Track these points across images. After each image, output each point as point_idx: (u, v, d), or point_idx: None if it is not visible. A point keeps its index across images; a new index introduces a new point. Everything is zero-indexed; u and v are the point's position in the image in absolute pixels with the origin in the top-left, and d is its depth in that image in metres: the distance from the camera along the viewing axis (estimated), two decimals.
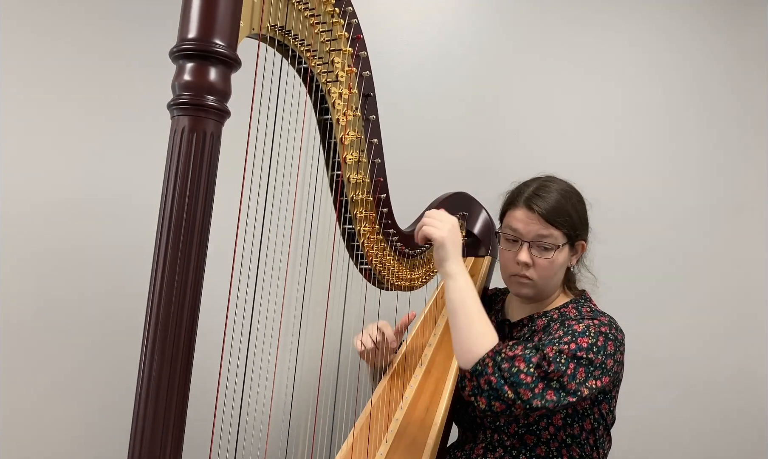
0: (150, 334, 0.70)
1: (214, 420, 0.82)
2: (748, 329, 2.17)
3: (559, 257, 1.25)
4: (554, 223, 1.23)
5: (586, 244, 1.32)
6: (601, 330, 1.16)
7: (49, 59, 1.79)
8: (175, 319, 0.70)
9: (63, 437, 1.75)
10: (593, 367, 1.11)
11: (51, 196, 1.77)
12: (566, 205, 1.25)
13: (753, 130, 2.24)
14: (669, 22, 2.24)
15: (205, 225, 0.73)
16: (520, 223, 1.26)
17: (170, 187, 0.71)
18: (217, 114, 0.72)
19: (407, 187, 1.58)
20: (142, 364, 0.71)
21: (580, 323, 1.17)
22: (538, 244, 1.24)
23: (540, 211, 1.23)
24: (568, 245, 1.26)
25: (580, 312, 1.26)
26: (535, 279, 1.27)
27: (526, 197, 1.26)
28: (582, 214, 1.30)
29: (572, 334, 1.13)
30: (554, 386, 1.07)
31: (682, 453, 2.12)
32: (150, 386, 0.70)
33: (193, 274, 0.71)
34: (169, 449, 0.71)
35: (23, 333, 1.72)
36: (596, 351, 1.12)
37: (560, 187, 1.29)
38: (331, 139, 1.07)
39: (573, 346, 1.10)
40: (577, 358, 1.09)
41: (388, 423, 1.27)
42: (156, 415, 0.70)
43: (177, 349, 0.71)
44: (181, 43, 0.71)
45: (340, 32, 1.00)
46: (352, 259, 1.22)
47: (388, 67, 2.07)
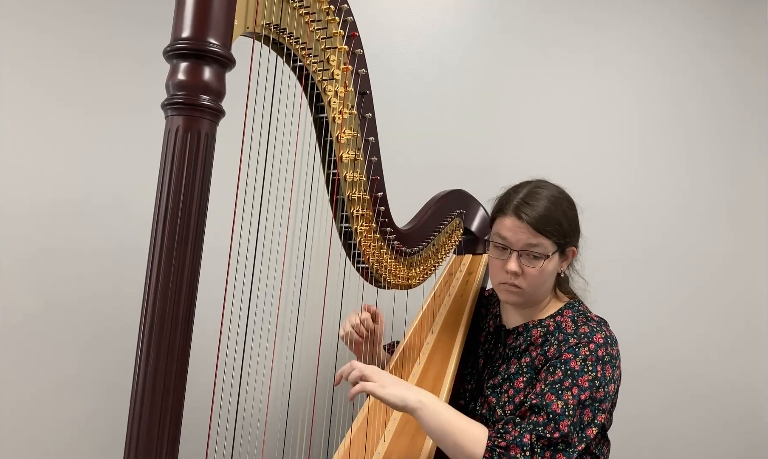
0: (145, 334, 0.70)
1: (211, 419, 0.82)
2: (748, 333, 2.16)
3: (549, 266, 1.22)
4: (543, 232, 1.20)
5: (577, 249, 1.29)
6: (598, 355, 1.14)
7: (44, 59, 1.78)
8: (170, 318, 0.70)
9: (60, 436, 1.75)
10: (598, 402, 1.11)
11: (45, 196, 1.76)
12: (556, 212, 1.22)
13: (755, 131, 2.23)
14: (669, 23, 2.24)
15: (200, 225, 0.72)
16: (509, 232, 1.23)
17: (165, 187, 0.70)
18: (211, 113, 0.72)
19: (404, 186, 1.58)
20: (138, 363, 0.71)
21: (576, 356, 1.14)
22: (527, 253, 1.21)
23: (529, 220, 1.19)
24: (558, 252, 1.23)
25: (576, 324, 1.22)
26: (524, 287, 1.24)
27: (514, 205, 1.23)
28: (572, 219, 1.26)
29: (572, 375, 1.12)
30: (561, 448, 1.06)
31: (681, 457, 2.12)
32: (146, 385, 0.70)
33: (189, 273, 0.71)
34: (165, 448, 0.71)
35: (20, 332, 1.72)
36: (598, 385, 1.11)
37: (550, 193, 1.25)
38: (327, 138, 1.07)
39: (576, 391, 1.10)
40: (581, 402, 1.09)
41: (386, 422, 1.27)
42: (152, 414, 0.70)
43: (173, 348, 0.70)
44: (175, 42, 0.71)
45: (336, 30, 1.00)
46: (349, 258, 1.22)
47: (387, 66, 2.07)
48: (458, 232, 1.60)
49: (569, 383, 1.11)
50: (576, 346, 1.16)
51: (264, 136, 0.87)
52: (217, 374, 0.82)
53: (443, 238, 1.52)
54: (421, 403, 1.08)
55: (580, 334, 1.19)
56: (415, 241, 1.37)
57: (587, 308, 1.31)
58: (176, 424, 0.72)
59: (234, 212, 0.79)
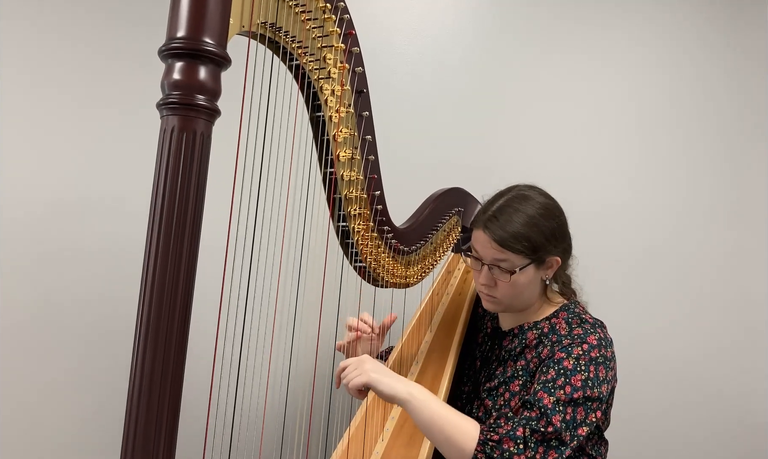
0: (142, 333, 0.70)
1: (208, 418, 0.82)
2: (748, 334, 2.16)
3: (521, 278, 1.21)
4: (510, 248, 1.19)
5: (561, 258, 1.26)
6: (591, 356, 1.14)
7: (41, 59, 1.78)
8: (167, 318, 0.70)
9: (58, 434, 1.75)
10: (590, 401, 1.10)
11: (42, 195, 1.76)
12: (526, 228, 1.20)
13: (755, 131, 2.23)
14: (669, 23, 2.23)
15: (197, 224, 0.72)
16: (479, 245, 1.24)
17: (160, 187, 0.70)
18: (207, 113, 0.71)
19: (402, 184, 1.58)
20: (134, 362, 0.70)
21: (569, 355, 1.14)
22: (497, 267, 1.22)
23: (494, 237, 1.20)
24: (532, 265, 1.22)
25: (570, 327, 1.22)
26: (499, 297, 1.25)
27: (484, 219, 1.23)
28: (550, 231, 1.23)
29: (565, 374, 1.11)
30: (554, 445, 1.06)
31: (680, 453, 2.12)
32: (143, 384, 0.70)
33: (185, 273, 0.71)
34: (162, 446, 0.71)
35: (17, 331, 1.72)
36: (591, 385, 1.11)
37: (525, 206, 1.23)
38: (323, 136, 1.06)
39: (568, 390, 1.09)
40: (574, 401, 1.09)
41: (385, 421, 1.27)
42: (149, 412, 0.70)
43: (169, 347, 0.70)
44: (170, 41, 0.70)
45: (332, 28, 1.00)
46: (346, 257, 1.22)
47: (386, 65, 2.07)
48: (456, 230, 1.60)
49: (562, 382, 1.11)
50: (569, 346, 1.16)
51: (260, 136, 0.86)
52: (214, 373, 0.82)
53: (441, 237, 1.52)
54: (410, 395, 1.07)
55: (574, 335, 1.19)
56: (413, 239, 1.37)
57: (584, 310, 1.29)
58: (173, 424, 0.72)
59: (230, 212, 0.79)
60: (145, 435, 0.70)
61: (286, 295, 1.14)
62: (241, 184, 0.83)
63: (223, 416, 0.93)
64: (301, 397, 1.70)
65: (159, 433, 0.70)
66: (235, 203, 0.81)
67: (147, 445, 0.70)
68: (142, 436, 0.70)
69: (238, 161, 0.80)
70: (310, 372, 1.45)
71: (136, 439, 0.70)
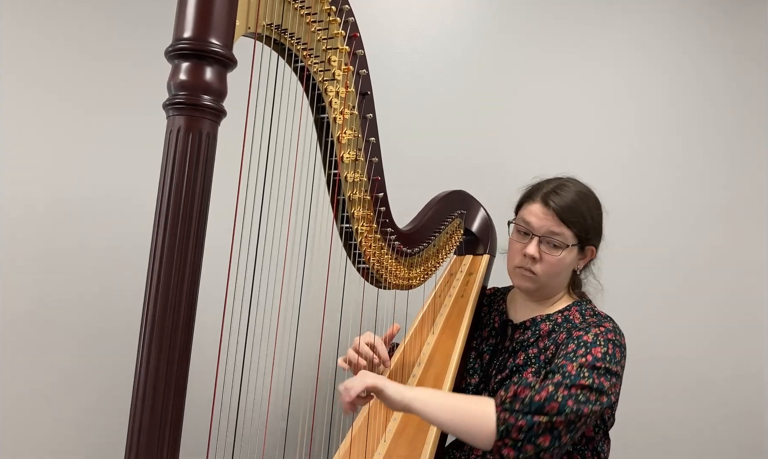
0: (146, 334, 0.70)
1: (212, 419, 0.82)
2: (748, 330, 2.16)
3: (567, 257, 1.26)
4: (567, 222, 1.24)
5: (596, 250, 1.32)
6: (608, 337, 1.17)
7: (44, 59, 1.78)
8: (171, 317, 0.70)
9: (61, 436, 1.75)
10: (611, 375, 1.12)
11: (48, 195, 1.76)
12: (582, 207, 1.26)
13: (754, 131, 2.23)
14: (669, 23, 2.24)
15: (202, 225, 0.73)
16: (534, 218, 1.27)
17: (166, 187, 0.71)
18: (213, 114, 0.72)
19: (405, 186, 1.58)
20: (138, 363, 0.71)
21: (588, 333, 1.17)
22: (548, 241, 1.25)
23: (555, 208, 1.24)
24: (577, 247, 1.27)
25: (584, 317, 1.26)
26: (539, 274, 1.27)
27: (544, 193, 1.27)
28: (596, 219, 1.29)
29: (585, 345, 1.14)
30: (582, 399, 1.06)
31: (681, 452, 2.12)
32: (147, 385, 0.70)
33: (190, 273, 0.71)
34: (166, 447, 0.71)
35: (21, 331, 1.72)
36: (609, 360, 1.13)
37: (579, 188, 1.30)
38: (328, 138, 1.07)
39: (590, 358, 1.11)
40: (596, 368, 1.10)
41: (387, 422, 1.27)
42: (153, 412, 0.70)
43: (174, 348, 0.71)
44: (177, 42, 0.71)
45: (337, 30, 1.00)
46: (349, 258, 1.22)
47: (387, 65, 2.07)
48: (459, 232, 1.60)
49: (583, 352, 1.13)
50: (587, 326, 1.20)
51: (265, 137, 0.87)
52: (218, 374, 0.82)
53: (444, 239, 1.52)
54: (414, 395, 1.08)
55: (589, 321, 1.23)
56: (416, 241, 1.37)
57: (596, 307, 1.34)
58: (177, 425, 0.72)
59: (235, 212, 0.79)
60: (150, 434, 0.70)
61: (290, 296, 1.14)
62: (246, 185, 0.83)
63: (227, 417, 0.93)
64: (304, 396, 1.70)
65: (163, 432, 0.70)
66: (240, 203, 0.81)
67: (151, 445, 0.70)
68: (146, 435, 0.70)
69: (243, 162, 0.81)
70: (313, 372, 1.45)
71: (141, 438, 0.70)
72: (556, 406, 1.04)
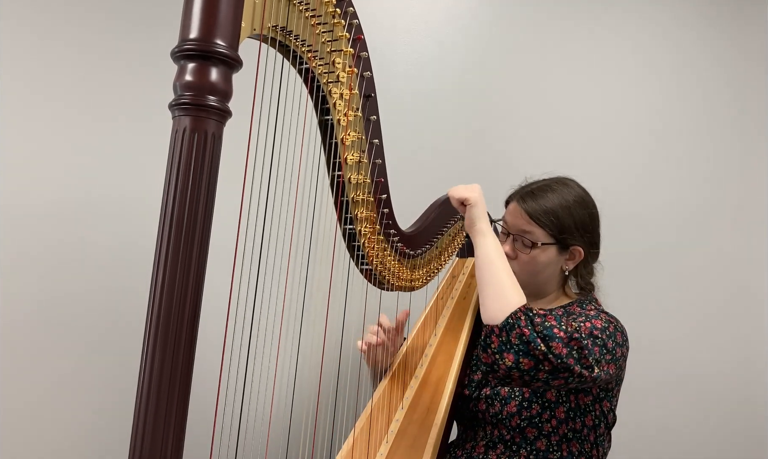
0: (151, 333, 0.70)
1: (215, 420, 0.82)
2: (748, 331, 2.17)
3: (542, 256, 1.27)
4: (537, 221, 1.26)
5: (584, 251, 1.30)
6: (610, 320, 1.19)
7: (49, 60, 1.79)
8: (176, 319, 0.70)
9: (64, 436, 1.75)
10: (606, 350, 1.11)
11: (52, 195, 1.77)
12: (558, 207, 1.26)
13: (754, 131, 2.23)
14: (669, 23, 2.24)
15: (206, 225, 0.73)
16: (509, 216, 1.32)
17: (171, 188, 0.71)
18: (218, 114, 0.72)
19: (408, 188, 1.59)
20: (143, 363, 0.71)
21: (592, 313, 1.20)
22: (521, 239, 1.28)
23: (525, 208, 1.27)
24: (555, 246, 1.27)
25: (583, 309, 1.27)
26: (517, 272, 1.26)
27: (520, 193, 1.31)
28: (581, 220, 1.29)
29: (586, 316, 1.16)
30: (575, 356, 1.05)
31: (681, 453, 2.12)
32: (151, 385, 0.70)
33: (194, 274, 0.72)
34: (170, 448, 0.71)
35: (24, 332, 1.73)
36: (608, 335, 1.13)
37: (563, 190, 1.30)
38: (331, 140, 1.07)
39: (589, 325, 1.12)
40: (593, 336, 1.10)
41: (389, 423, 1.27)
42: (157, 414, 0.70)
43: (178, 348, 0.71)
44: (183, 43, 0.71)
45: (341, 33, 1.00)
46: (352, 260, 1.23)
47: (389, 68, 2.08)
48: (461, 234, 1.60)
49: (582, 319, 1.15)
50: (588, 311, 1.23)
51: (270, 138, 0.87)
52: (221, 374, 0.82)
53: (447, 241, 1.53)
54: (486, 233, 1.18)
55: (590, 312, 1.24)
56: (419, 243, 1.38)
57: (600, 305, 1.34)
58: (181, 424, 0.72)
59: (240, 213, 0.80)
60: (153, 435, 0.70)
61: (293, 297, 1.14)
62: (251, 186, 0.83)
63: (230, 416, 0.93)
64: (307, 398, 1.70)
65: (167, 434, 0.71)
66: (244, 204, 0.81)
67: (155, 446, 0.70)
68: (150, 436, 0.70)
69: (247, 162, 0.81)
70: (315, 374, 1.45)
71: (144, 440, 0.70)
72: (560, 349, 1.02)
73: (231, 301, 0.80)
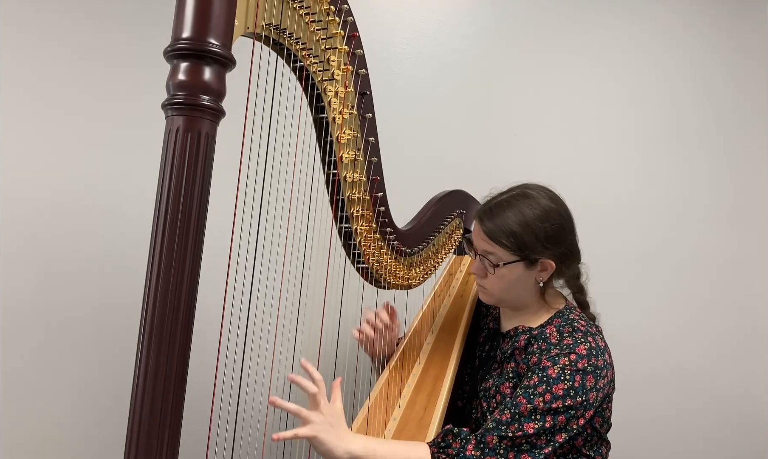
0: (146, 334, 0.70)
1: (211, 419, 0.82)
2: (749, 337, 2.16)
3: (509, 273, 1.22)
4: (497, 241, 1.20)
5: (555, 263, 1.23)
6: (577, 367, 1.12)
7: (45, 61, 1.78)
8: (171, 317, 0.70)
9: (59, 436, 1.75)
10: (572, 409, 1.10)
11: (46, 195, 1.76)
12: (515, 225, 1.20)
13: (755, 131, 2.23)
14: (670, 22, 2.24)
15: (201, 225, 0.73)
16: (474, 236, 1.28)
17: (165, 187, 0.70)
18: (212, 114, 0.72)
19: (404, 186, 1.58)
20: (138, 363, 0.71)
21: (555, 364, 1.13)
22: (486, 259, 1.24)
23: (484, 229, 1.22)
24: (522, 262, 1.21)
25: (561, 335, 1.20)
26: (489, 289, 1.27)
27: (481, 211, 1.26)
28: (546, 233, 1.21)
29: (547, 381, 1.11)
30: (525, 449, 1.07)
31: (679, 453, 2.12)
32: (146, 386, 0.70)
33: (189, 273, 0.71)
34: (165, 448, 0.71)
35: (21, 329, 1.72)
36: (573, 394, 1.10)
37: (523, 205, 1.22)
38: (327, 138, 1.07)
39: (548, 397, 1.09)
40: (553, 410, 1.09)
41: (386, 422, 1.27)
42: (152, 414, 0.70)
43: (173, 349, 0.71)
44: (176, 42, 0.71)
45: (336, 30, 1.00)
46: (349, 258, 1.22)
47: (387, 66, 2.07)
48: (458, 232, 1.60)
49: (542, 389, 1.11)
50: (556, 356, 1.15)
51: (264, 137, 0.87)
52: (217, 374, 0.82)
53: (443, 239, 1.52)
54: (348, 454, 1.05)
55: (563, 344, 1.17)
56: (415, 241, 1.37)
57: (579, 316, 1.27)
58: (176, 425, 0.72)
59: (234, 212, 0.79)
60: (149, 436, 0.70)
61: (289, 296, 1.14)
62: (245, 185, 0.83)
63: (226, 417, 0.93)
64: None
65: (163, 431, 0.70)
66: (239, 203, 0.81)
67: (151, 444, 0.70)
68: (146, 435, 0.70)
69: (242, 162, 0.81)
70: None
71: (140, 440, 0.70)
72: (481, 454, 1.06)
73: (226, 300, 0.80)
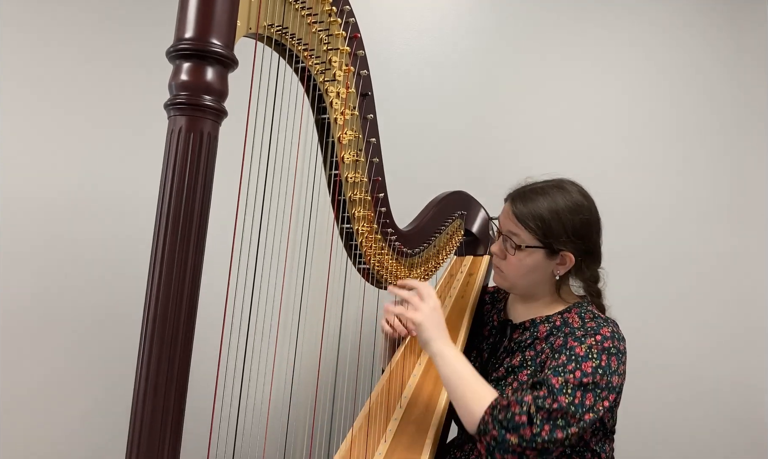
0: (148, 333, 0.70)
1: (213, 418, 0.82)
2: (749, 332, 2.16)
3: (528, 259, 1.25)
4: (524, 223, 1.24)
5: (575, 257, 1.26)
6: (604, 346, 1.15)
7: (47, 60, 1.79)
8: (172, 318, 0.70)
9: (61, 433, 1.75)
10: (600, 389, 1.11)
11: (49, 195, 1.77)
12: (546, 211, 1.23)
13: (755, 130, 2.23)
14: (670, 22, 2.24)
15: (203, 225, 0.73)
16: (502, 216, 1.32)
17: (167, 187, 0.71)
18: (214, 114, 0.72)
19: (406, 187, 1.59)
20: (140, 362, 0.71)
21: (582, 344, 1.15)
22: (509, 241, 1.27)
23: (515, 210, 1.26)
24: (543, 250, 1.24)
25: (583, 321, 1.23)
26: (505, 272, 1.30)
27: (514, 194, 1.30)
28: (572, 226, 1.24)
29: (576, 360, 1.13)
30: (560, 424, 1.06)
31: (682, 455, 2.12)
32: (148, 384, 0.70)
33: (191, 273, 0.71)
34: (167, 447, 0.71)
35: (23, 329, 1.73)
36: (601, 373, 1.12)
37: (557, 195, 1.26)
38: (328, 139, 1.07)
39: (578, 374, 1.11)
40: (583, 385, 1.10)
41: (387, 422, 1.27)
42: (154, 413, 0.70)
43: (175, 348, 0.71)
44: (178, 42, 0.71)
45: (338, 31, 1.00)
46: (350, 259, 1.22)
47: (388, 67, 2.08)
48: (459, 233, 1.60)
49: (572, 367, 1.12)
50: (582, 336, 1.18)
51: (266, 137, 0.87)
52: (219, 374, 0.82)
53: (444, 239, 1.52)
54: (440, 352, 1.16)
55: (587, 327, 1.21)
56: (416, 242, 1.37)
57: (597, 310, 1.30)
58: (178, 424, 0.72)
59: (236, 212, 0.80)
60: (150, 435, 0.70)
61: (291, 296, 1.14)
62: (247, 185, 0.83)
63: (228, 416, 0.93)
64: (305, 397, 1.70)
65: (164, 431, 0.71)
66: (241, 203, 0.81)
67: (152, 445, 0.70)
68: (147, 435, 0.70)
69: (243, 162, 0.81)
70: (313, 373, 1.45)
71: (142, 437, 0.70)
72: (528, 433, 1.05)
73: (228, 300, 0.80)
